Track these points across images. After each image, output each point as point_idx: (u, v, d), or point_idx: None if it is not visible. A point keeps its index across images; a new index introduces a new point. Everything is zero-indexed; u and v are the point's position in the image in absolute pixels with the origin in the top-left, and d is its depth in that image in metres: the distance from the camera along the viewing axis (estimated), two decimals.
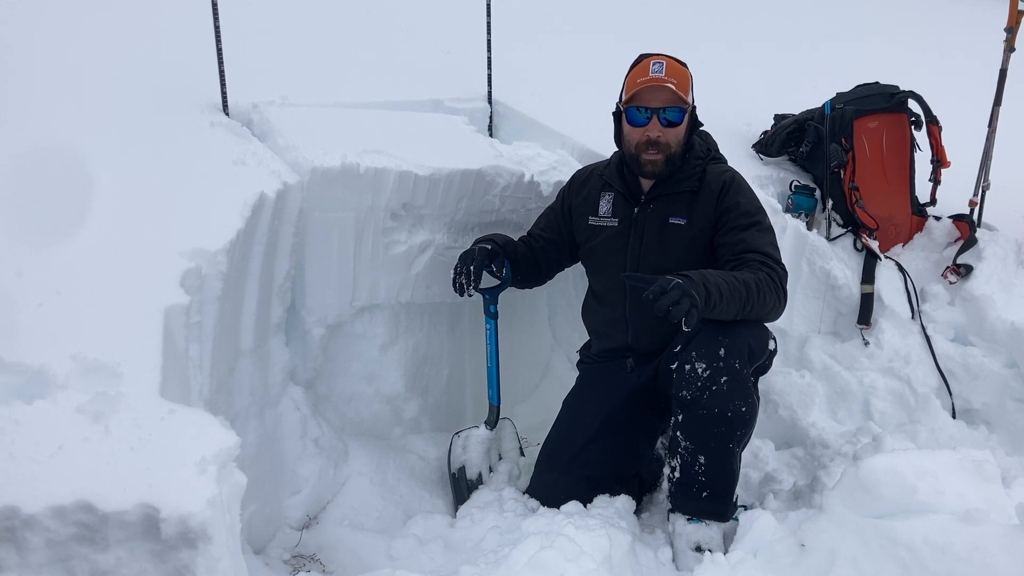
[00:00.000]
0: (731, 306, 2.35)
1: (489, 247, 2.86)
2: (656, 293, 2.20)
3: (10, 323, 1.82)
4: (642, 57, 2.73)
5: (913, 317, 3.69)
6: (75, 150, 2.55)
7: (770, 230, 2.65)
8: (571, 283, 3.69)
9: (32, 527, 1.44)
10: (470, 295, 2.85)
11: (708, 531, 2.45)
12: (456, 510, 2.86)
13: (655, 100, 2.63)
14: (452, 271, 2.85)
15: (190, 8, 3.51)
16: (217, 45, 3.12)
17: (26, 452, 1.53)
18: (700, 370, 2.41)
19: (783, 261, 2.59)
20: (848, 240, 3.94)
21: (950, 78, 5.72)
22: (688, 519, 2.47)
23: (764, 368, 2.66)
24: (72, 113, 2.78)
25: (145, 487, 1.50)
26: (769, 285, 2.44)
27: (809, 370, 3.59)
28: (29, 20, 3.47)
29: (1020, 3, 3.90)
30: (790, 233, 3.67)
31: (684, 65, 2.72)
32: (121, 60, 3.30)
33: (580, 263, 3.05)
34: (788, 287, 2.55)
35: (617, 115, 2.78)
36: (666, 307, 2.17)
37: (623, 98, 2.72)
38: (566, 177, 3.19)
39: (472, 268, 2.79)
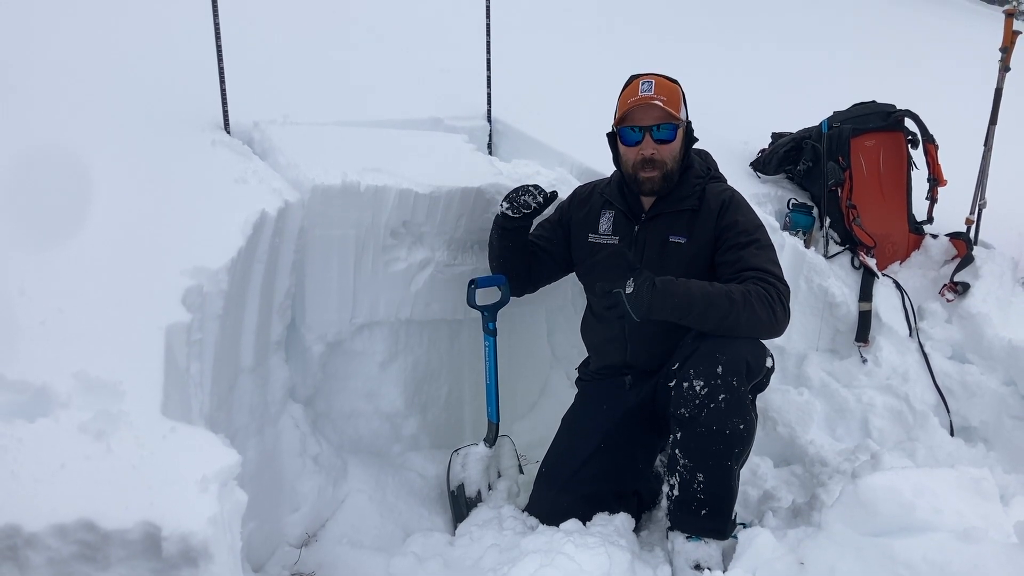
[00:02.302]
0: (708, 314, 2.44)
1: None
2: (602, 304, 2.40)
3: (13, 341, 1.83)
4: (633, 78, 2.76)
5: (911, 335, 3.71)
6: (77, 168, 2.57)
7: (770, 247, 2.66)
8: (570, 300, 3.70)
9: (34, 545, 1.44)
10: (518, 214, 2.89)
11: (707, 549, 2.45)
12: (455, 528, 2.86)
13: (646, 118, 2.66)
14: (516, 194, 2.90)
15: (192, 27, 3.53)
16: (219, 64, 3.14)
17: (28, 470, 1.54)
18: (698, 388, 2.41)
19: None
20: (846, 258, 3.96)
21: (946, 97, 5.76)
22: (687, 537, 2.47)
23: (762, 385, 2.67)
24: (74, 131, 2.79)
25: (147, 505, 1.51)
26: (762, 299, 2.46)
27: (807, 387, 3.60)
28: (30, 36, 3.50)
29: (1015, 24, 3.95)
30: (788, 251, 3.69)
31: (675, 82, 2.74)
32: (123, 79, 3.32)
33: (574, 278, 3.07)
34: None
35: (612, 137, 2.80)
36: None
37: (616, 119, 2.75)
38: (564, 194, 3.21)
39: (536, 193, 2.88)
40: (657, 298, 2.43)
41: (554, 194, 2.95)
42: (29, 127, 2.76)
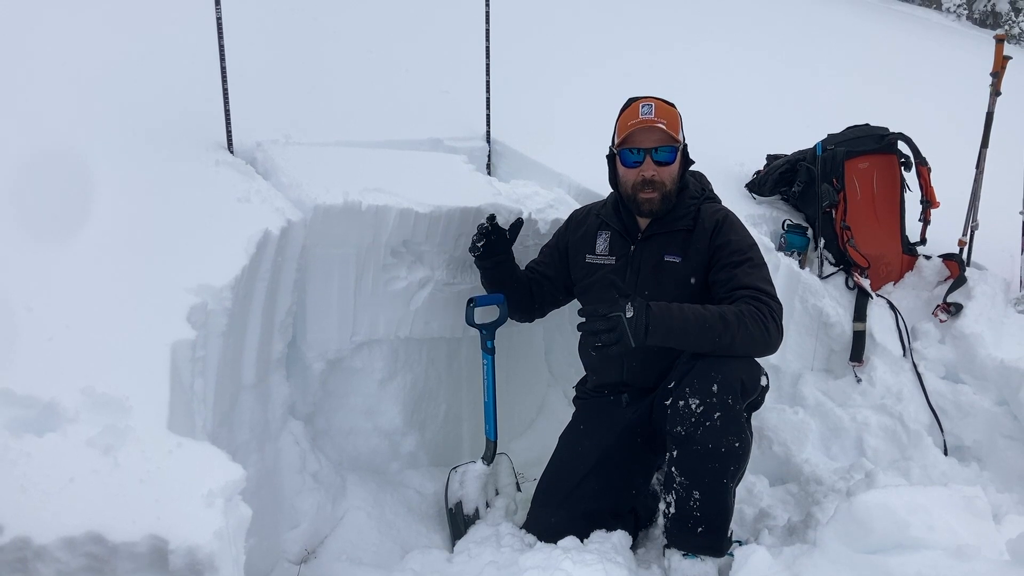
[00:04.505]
0: (703, 337, 2.46)
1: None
2: (596, 327, 2.44)
3: (21, 357, 1.85)
4: (631, 101, 2.81)
5: (904, 355, 3.73)
6: (82, 188, 2.60)
7: (763, 266, 2.70)
8: (567, 319, 3.73)
9: (43, 558, 1.46)
10: (476, 254, 2.96)
11: (703, 566, 2.47)
12: (453, 545, 2.87)
13: (647, 140, 2.71)
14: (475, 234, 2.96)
15: (196, 49, 3.58)
16: (223, 85, 3.19)
17: (37, 484, 1.55)
18: (694, 406, 2.44)
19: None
20: (840, 278, 3.99)
21: (938, 121, 5.83)
22: (683, 554, 2.49)
23: (757, 404, 2.70)
24: (80, 151, 2.82)
25: (154, 519, 1.52)
26: (754, 318, 2.49)
27: (802, 406, 3.62)
28: (32, 55, 3.53)
29: (1005, 49, 4.01)
30: (783, 271, 3.72)
31: (672, 105, 2.79)
32: (128, 100, 3.35)
33: (576, 300, 3.10)
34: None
35: (611, 158, 2.85)
36: (593, 341, 2.43)
37: (615, 141, 2.79)
38: (563, 215, 3.25)
39: (490, 227, 2.91)
40: (653, 322, 2.43)
41: (519, 222, 3.00)
42: (34, 146, 2.79)
